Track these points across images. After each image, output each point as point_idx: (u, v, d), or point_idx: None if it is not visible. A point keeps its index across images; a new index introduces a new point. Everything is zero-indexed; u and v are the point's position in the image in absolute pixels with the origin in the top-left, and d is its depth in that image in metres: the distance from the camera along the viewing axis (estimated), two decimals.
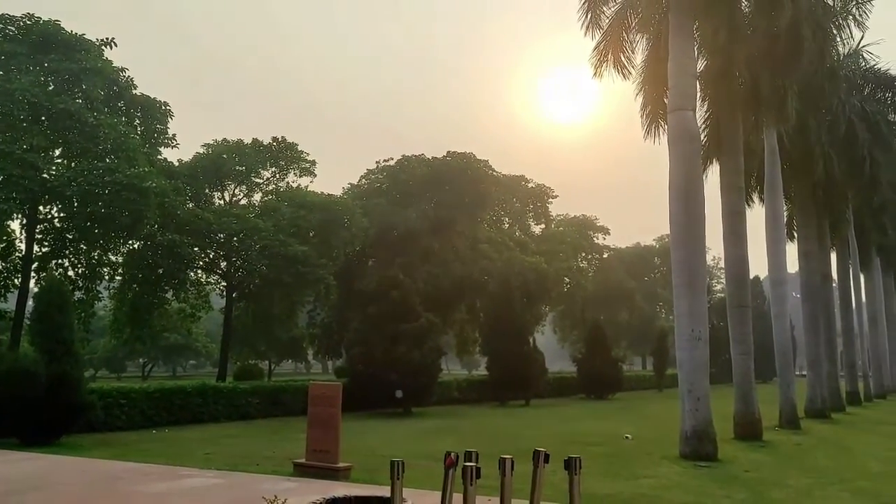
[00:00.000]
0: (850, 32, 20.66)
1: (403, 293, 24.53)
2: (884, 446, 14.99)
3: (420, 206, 40.11)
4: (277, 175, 35.23)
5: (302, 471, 10.17)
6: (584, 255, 61.47)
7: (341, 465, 10.12)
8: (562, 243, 52.99)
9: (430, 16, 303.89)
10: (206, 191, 33.44)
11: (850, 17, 20.28)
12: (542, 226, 55.41)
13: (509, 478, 4.07)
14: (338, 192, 41.66)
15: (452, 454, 4.09)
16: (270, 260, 29.84)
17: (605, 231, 63.33)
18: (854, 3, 20.40)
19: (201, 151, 33.59)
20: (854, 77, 25.46)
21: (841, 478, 10.26)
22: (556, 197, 53.45)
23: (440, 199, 41.09)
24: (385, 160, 44.81)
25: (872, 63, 25.79)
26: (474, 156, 43.55)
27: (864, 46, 24.75)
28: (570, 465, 4.26)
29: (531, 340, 35.02)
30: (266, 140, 34.46)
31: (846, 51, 22.68)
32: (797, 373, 31.88)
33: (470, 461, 4.08)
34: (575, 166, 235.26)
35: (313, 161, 35.37)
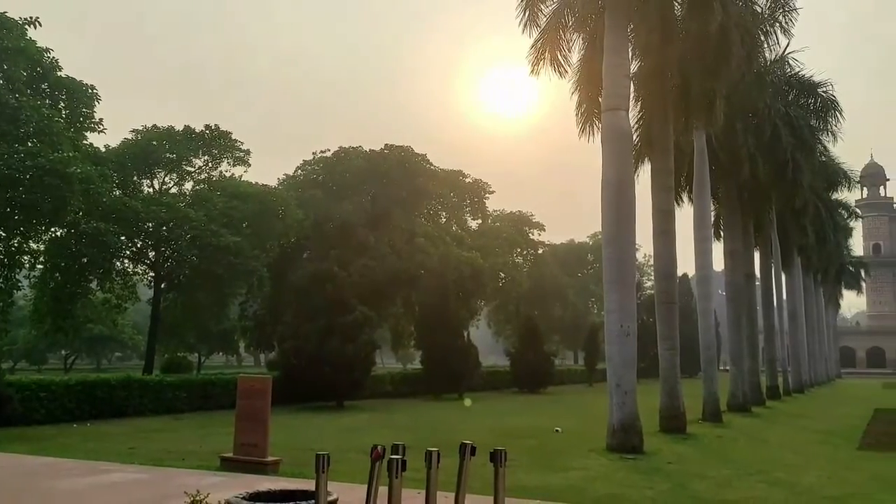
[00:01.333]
0: (777, 39, 21.39)
1: (338, 286, 24.31)
2: (799, 438, 15.63)
3: (357, 199, 39.88)
4: (210, 164, 34.34)
5: (229, 465, 9.98)
6: (519, 250, 62.08)
7: (270, 459, 9.98)
8: (498, 239, 53.43)
9: (372, 8, 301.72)
10: (135, 178, 32.39)
11: (777, 24, 20.98)
12: (479, 221, 55.71)
13: (435, 470, 4.06)
14: (273, 182, 40.99)
15: (379, 447, 4.05)
16: (201, 251, 29.16)
17: (541, 227, 64.09)
18: (781, 10, 21.11)
19: (130, 137, 32.51)
20: (779, 82, 26.36)
21: (758, 469, 10.63)
22: (493, 192, 53.78)
23: (377, 192, 40.92)
24: (322, 151, 44.36)
25: (797, 69, 26.72)
26: (412, 149, 43.52)
27: (789, 53, 25.62)
28: (496, 458, 4.28)
29: (466, 335, 35.22)
30: (198, 128, 33.59)
31: (773, 57, 23.41)
32: (721, 368, 33.07)
33: (396, 454, 4.05)
34: (513, 162, 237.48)
35: (247, 150, 34.66)
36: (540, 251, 66.08)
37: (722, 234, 25.84)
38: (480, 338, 58.85)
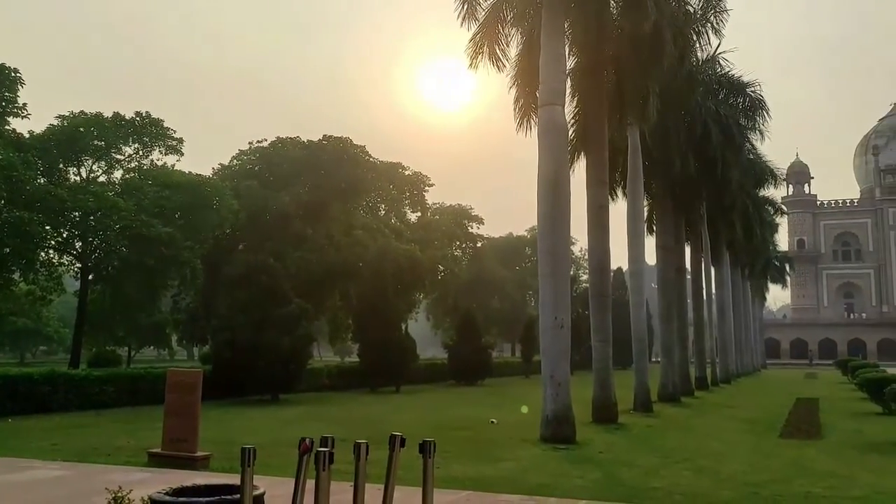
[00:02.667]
0: (709, 39, 21.96)
1: (273, 278, 23.97)
2: (724, 427, 16.15)
3: (294, 190, 39.37)
4: (141, 152, 33.38)
5: (157, 461, 9.76)
6: (458, 243, 62.44)
7: (200, 454, 9.78)
8: (437, 231, 53.62)
9: None
10: (61, 166, 31.22)
11: (709, 24, 21.54)
12: (418, 214, 55.78)
13: (363, 462, 4.04)
14: (207, 172, 40.13)
15: (307, 440, 4.01)
16: (131, 241, 28.37)
17: (480, 221, 64.57)
18: (712, 11, 21.68)
19: (55, 123, 31.29)
20: (710, 82, 27.08)
21: (685, 457, 10.94)
22: (432, 185, 53.96)
23: (315, 183, 40.47)
24: (258, 141, 43.65)
25: (727, 69, 27.49)
26: (351, 141, 43.18)
27: (720, 53, 26.31)
28: (425, 449, 4.29)
29: (404, 327, 35.19)
30: (129, 114, 32.56)
31: (704, 56, 24.04)
32: (653, 359, 33.92)
33: (325, 447, 4.01)
34: (453, 156, 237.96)
35: (180, 139, 33.81)
36: (479, 244, 66.54)
37: (654, 228, 26.42)
38: (419, 331, 58.92)
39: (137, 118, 32.51)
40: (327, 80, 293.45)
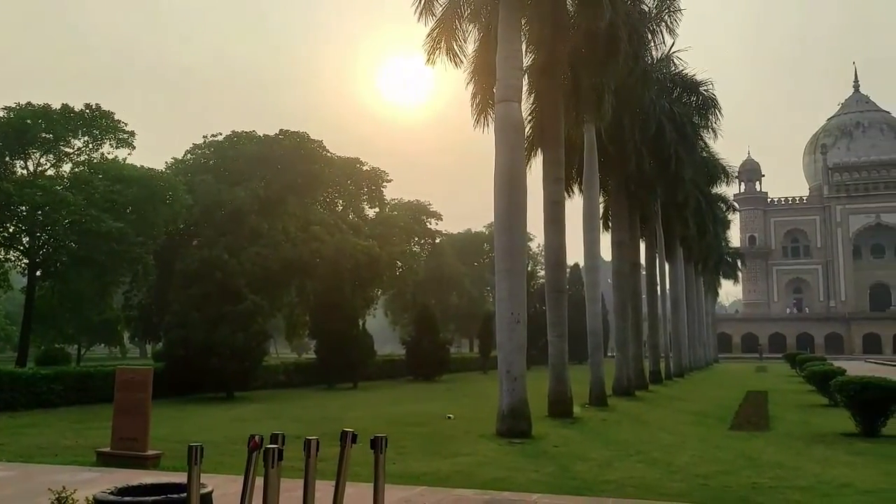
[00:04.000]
0: (663, 38, 22.29)
1: (228, 274, 23.64)
2: (676, 420, 16.44)
3: (249, 185, 38.87)
4: (91, 145, 32.55)
5: (106, 460, 9.55)
6: (416, 239, 62.39)
7: (150, 452, 9.60)
8: (395, 227, 53.46)
9: None
10: (7, 159, 30.33)
11: (663, 23, 21.87)
12: (376, 209, 55.56)
13: (313, 459, 3.98)
14: (160, 166, 39.38)
15: (256, 437, 3.94)
16: (81, 236, 27.69)
17: (438, 216, 64.60)
18: (667, 11, 22.02)
19: (1, 115, 30.36)
20: (665, 80, 27.49)
21: (638, 450, 11.10)
22: (390, 181, 53.79)
23: (271, 178, 40.04)
24: (213, 135, 42.97)
25: (681, 68, 27.95)
26: (308, 135, 42.80)
27: (674, 52, 26.74)
28: (376, 445, 4.25)
29: (361, 323, 35.04)
30: (78, 106, 31.73)
31: (658, 55, 24.38)
32: (608, 354, 34.32)
33: (275, 444, 3.95)
34: (412, 151, 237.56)
35: (132, 132, 33.05)
36: (437, 240, 66.60)
37: (610, 225, 26.74)
38: (377, 327, 58.79)
39: (87, 110, 31.70)
40: (284, 74, 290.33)
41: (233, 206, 37.78)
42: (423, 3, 15.71)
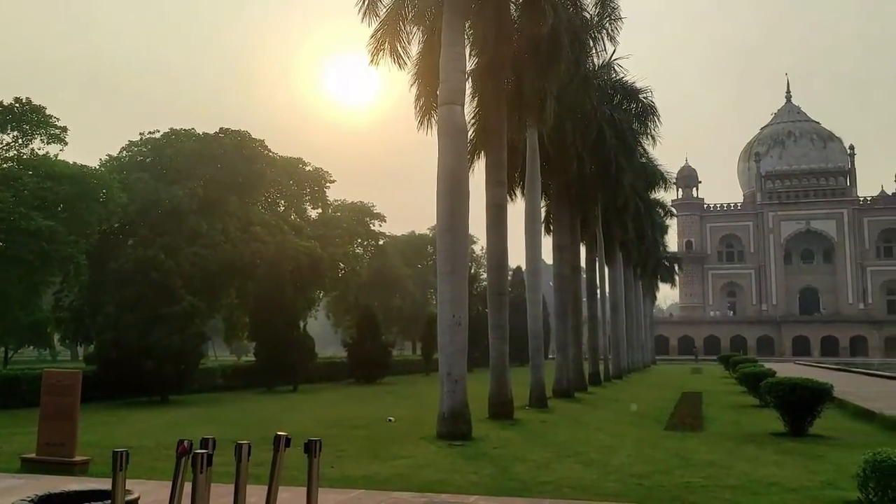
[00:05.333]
0: (604, 45, 22.59)
1: (164, 274, 23.04)
2: (614, 421, 16.71)
3: (188, 184, 38.03)
4: (20, 140, 31.36)
5: (31, 466, 9.21)
6: (359, 241, 61.99)
7: (78, 458, 9.30)
8: (338, 229, 53.04)
9: None
10: None
11: (605, 31, 22.17)
12: (319, 210, 55.05)
13: (245, 464, 3.91)
14: (94, 163, 38.20)
15: (185, 442, 3.84)
16: (8, 235, 26.66)
17: (382, 218, 64.34)
18: (608, 18, 22.34)
19: None
20: (606, 87, 27.94)
21: (576, 451, 11.23)
22: (333, 182, 53.38)
23: (211, 177, 39.27)
24: (150, 132, 41.90)
25: (622, 75, 28.47)
26: (249, 134, 42.14)
27: (615, 59, 27.22)
28: (310, 449, 4.20)
29: (302, 326, 34.62)
30: (7, 100, 30.54)
31: (600, 62, 24.77)
32: (549, 356, 34.70)
33: (206, 448, 3.86)
34: (355, 152, 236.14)
35: (64, 128, 31.99)
36: (381, 242, 66.34)
37: (552, 228, 27.02)
38: (318, 329, 58.22)
39: (17, 105, 30.55)
40: (223, 71, 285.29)
41: (170, 205, 36.90)
42: (366, 3, 15.65)
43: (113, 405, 19.85)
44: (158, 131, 41.92)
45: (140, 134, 42.47)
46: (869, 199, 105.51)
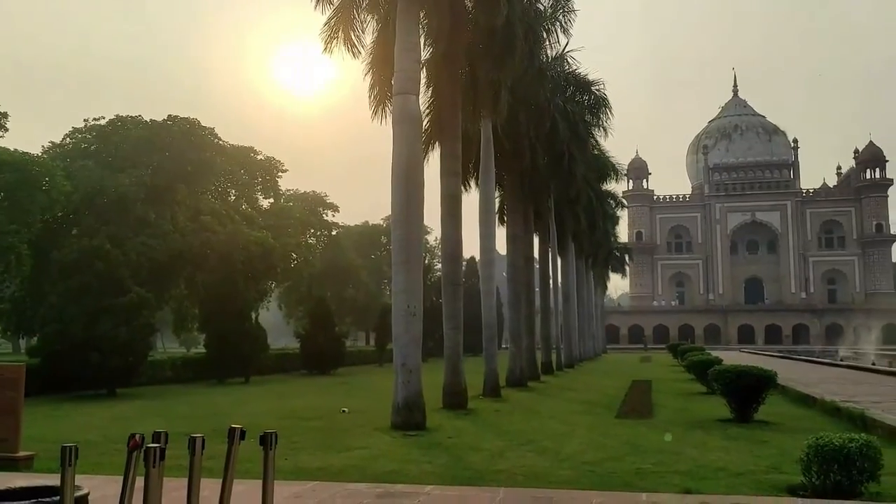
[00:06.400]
0: (558, 37, 22.79)
1: (110, 265, 22.49)
2: (566, 409, 16.92)
3: (135, 172, 37.15)
4: None
5: None
6: (312, 231, 61.52)
7: (22, 454, 9.04)
8: (290, 219, 52.51)
9: None
10: None
11: (558, 23, 22.37)
12: (271, 200, 54.40)
13: (198, 458, 3.84)
14: (36, 150, 37.00)
15: (137, 436, 3.75)
16: None
17: (335, 208, 63.98)
18: (561, 11, 22.53)
19: None
20: (559, 79, 28.12)
21: (529, 439, 11.35)
22: (286, 171, 52.76)
23: (159, 165, 38.43)
24: (95, 119, 40.78)
25: (575, 68, 28.66)
26: (199, 122, 41.34)
27: (568, 52, 27.38)
28: (266, 441, 4.15)
29: (254, 317, 34.22)
30: None
31: (553, 54, 24.94)
32: (503, 346, 34.99)
33: (158, 442, 3.78)
34: (308, 141, 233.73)
35: (4, 113, 30.92)
36: (334, 232, 65.92)
37: (506, 219, 27.17)
38: (270, 320, 57.59)
39: None
40: (171, 57, 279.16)
41: (117, 193, 35.98)
42: None
43: (57, 399, 19.34)
44: (104, 118, 40.87)
45: (84, 121, 41.27)
46: (811, 191, 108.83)
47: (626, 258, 73.95)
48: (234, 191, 51.06)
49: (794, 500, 6.86)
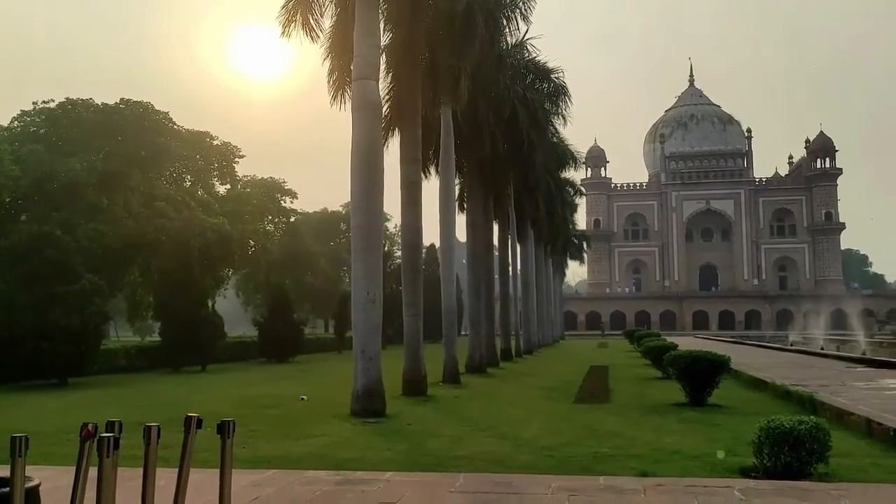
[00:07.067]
0: (518, 25, 22.71)
1: (61, 252, 21.96)
2: (525, 395, 17.07)
3: (86, 157, 36.25)
4: None
5: None
6: (270, 218, 60.86)
7: None
8: (248, 205, 51.85)
9: None
10: None
11: (518, 10, 22.30)
12: (228, 186, 53.60)
13: (154, 447, 3.76)
14: None
15: (90, 425, 3.66)
16: None
17: (294, 195, 63.32)
18: None
19: None
20: (519, 66, 28.13)
21: (489, 425, 11.42)
22: (243, 157, 52.00)
23: (111, 149, 37.54)
24: (45, 102, 39.59)
25: (534, 55, 28.68)
26: (152, 106, 40.45)
27: (528, 39, 27.37)
28: (223, 429, 4.08)
29: (210, 304, 33.77)
30: None
31: (513, 41, 24.90)
32: (462, 332, 35.17)
33: (111, 431, 3.69)
34: (266, 126, 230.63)
35: None
36: (292, 219, 65.28)
37: (466, 206, 27.21)
38: (228, 308, 56.91)
39: None
40: (126, 38, 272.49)
41: (67, 178, 35.04)
42: None
43: (6, 389, 18.89)
44: (53, 101, 39.71)
45: (33, 103, 40.01)
46: (764, 180, 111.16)
47: (585, 245, 74.66)
48: (189, 177, 50.16)
49: (747, 481, 7.02)
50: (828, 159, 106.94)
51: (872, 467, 7.68)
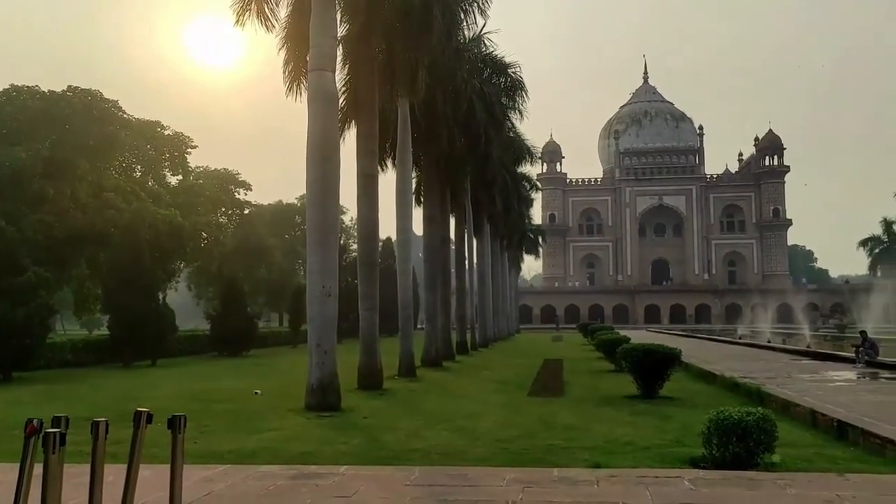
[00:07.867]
0: (475, 18, 22.72)
1: (5, 243, 21.31)
2: (480, 388, 17.15)
3: (32, 146, 35.17)
4: None
5: None
6: (224, 209, 59.97)
7: None
8: (200, 197, 51.00)
9: None
10: None
11: (476, 4, 22.30)
12: (180, 177, 52.62)
13: (102, 443, 3.68)
14: None
15: (34, 421, 3.56)
16: None
17: (248, 186, 62.53)
18: None
19: None
20: (476, 60, 28.16)
21: (444, 418, 11.44)
22: (195, 147, 51.10)
23: (58, 138, 36.51)
24: None
25: (492, 49, 28.77)
26: (101, 94, 39.47)
27: (485, 33, 27.46)
28: (174, 424, 4.02)
29: (161, 297, 33.12)
30: None
31: (471, 35, 24.92)
32: (419, 326, 35.22)
33: (58, 427, 3.59)
34: (220, 117, 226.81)
35: None
36: (246, 211, 64.44)
37: (422, 200, 27.17)
38: (179, 301, 55.93)
39: None
40: (74, 23, 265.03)
41: (11, 167, 33.99)
42: None
43: None
44: None
45: None
46: (715, 177, 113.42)
47: (540, 240, 75.26)
48: (140, 167, 49.07)
49: (696, 471, 7.16)
50: (776, 157, 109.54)
51: (817, 457, 7.92)
